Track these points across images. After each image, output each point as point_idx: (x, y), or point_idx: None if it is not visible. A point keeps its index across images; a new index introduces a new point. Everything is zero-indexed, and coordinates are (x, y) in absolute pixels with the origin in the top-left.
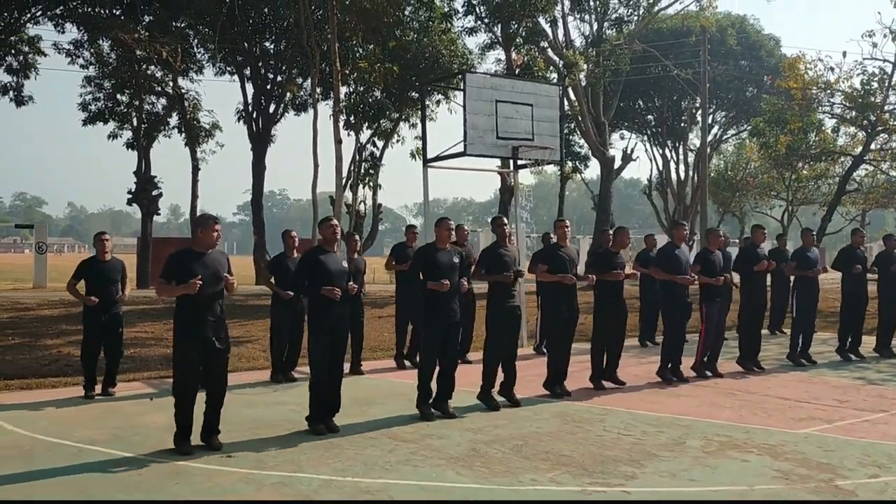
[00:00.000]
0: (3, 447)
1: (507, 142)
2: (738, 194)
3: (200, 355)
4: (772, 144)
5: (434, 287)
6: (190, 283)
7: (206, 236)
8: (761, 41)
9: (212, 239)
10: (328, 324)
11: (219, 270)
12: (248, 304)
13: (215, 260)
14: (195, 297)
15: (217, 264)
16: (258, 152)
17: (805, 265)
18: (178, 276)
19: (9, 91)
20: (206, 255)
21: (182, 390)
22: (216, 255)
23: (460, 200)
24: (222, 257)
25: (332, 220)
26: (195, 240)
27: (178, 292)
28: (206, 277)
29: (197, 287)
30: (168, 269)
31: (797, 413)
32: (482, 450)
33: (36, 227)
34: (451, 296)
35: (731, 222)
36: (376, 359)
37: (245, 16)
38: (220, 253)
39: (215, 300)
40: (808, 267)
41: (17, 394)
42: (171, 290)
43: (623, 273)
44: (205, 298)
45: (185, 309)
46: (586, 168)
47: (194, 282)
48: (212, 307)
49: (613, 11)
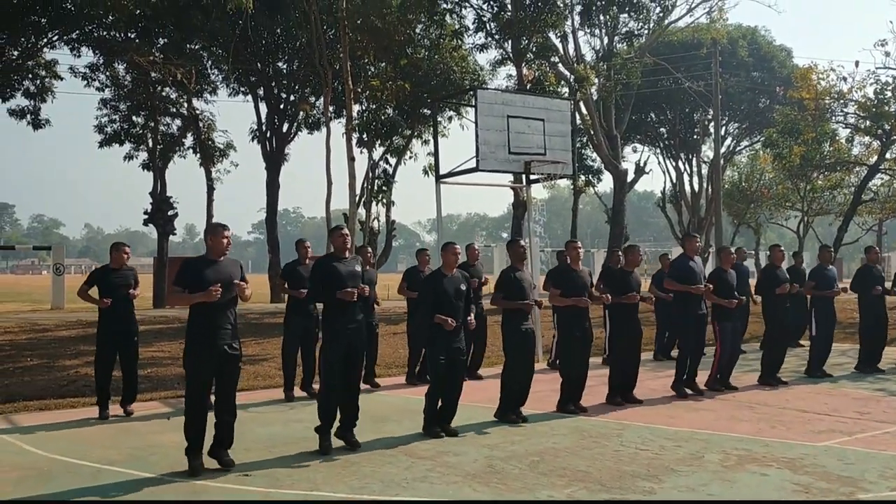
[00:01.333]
0: (22, 468)
1: (519, 157)
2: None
3: (213, 363)
4: (786, 155)
5: (440, 322)
6: (209, 291)
7: (215, 243)
8: (773, 52)
9: (221, 245)
10: (344, 330)
11: (232, 278)
12: (264, 321)
13: (228, 268)
14: (209, 305)
15: (230, 272)
16: (272, 171)
17: (823, 284)
18: (192, 284)
19: (26, 115)
20: (219, 262)
21: (194, 399)
22: (229, 263)
23: (474, 216)
24: (235, 265)
25: (343, 228)
26: (207, 248)
27: (195, 300)
28: (220, 285)
29: (217, 294)
30: (182, 277)
31: (817, 426)
32: (499, 466)
33: (53, 249)
34: (457, 328)
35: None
36: (390, 375)
37: (258, 37)
38: (233, 261)
39: (228, 308)
40: (827, 285)
41: (36, 415)
42: (189, 299)
43: (638, 296)
44: (218, 306)
45: (199, 317)
46: (599, 182)
47: (213, 289)
48: (225, 315)
49: (624, 25)
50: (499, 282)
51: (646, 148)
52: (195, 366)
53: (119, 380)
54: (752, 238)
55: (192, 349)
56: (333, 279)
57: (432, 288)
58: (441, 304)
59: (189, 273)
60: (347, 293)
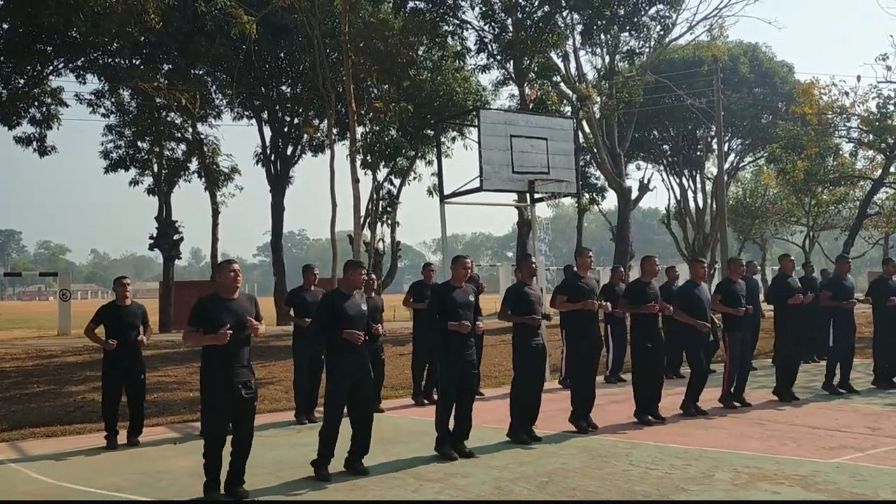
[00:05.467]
0: (30, 496)
1: (522, 176)
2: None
3: (228, 402)
4: (789, 170)
5: (455, 328)
6: (219, 335)
7: (223, 279)
8: (774, 68)
9: (228, 280)
10: (348, 369)
11: (245, 316)
12: (270, 345)
13: (242, 306)
14: (223, 345)
15: (244, 310)
16: (277, 194)
17: (841, 294)
18: (206, 324)
19: (33, 142)
20: (233, 301)
21: (211, 436)
22: (243, 301)
23: (479, 235)
24: (249, 303)
25: (363, 267)
26: (216, 286)
27: (206, 342)
28: (233, 325)
29: (227, 338)
30: (195, 317)
31: (827, 442)
32: (507, 488)
33: (60, 275)
34: (468, 335)
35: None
36: (397, 397)
37: (261, 61)
38: (247, 298)
39: (242, 347)
40: (845, 296)
41: (43, 441)
42: (200, 340)
43: (657, 305)
44: (232, 346)
45: (213, 357)
46: (604, 199)
47: (224, 332)
48: (239, 354)
49: (625, 44)
50: (507, 296)
51: (649, 165)
52: (211, 405)
53: (125, 406)
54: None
55: (207, 388)
56: (341, 317)
57: (442, 297)
58: (451, 314)
59: (202, 313)
60: (355, 336)
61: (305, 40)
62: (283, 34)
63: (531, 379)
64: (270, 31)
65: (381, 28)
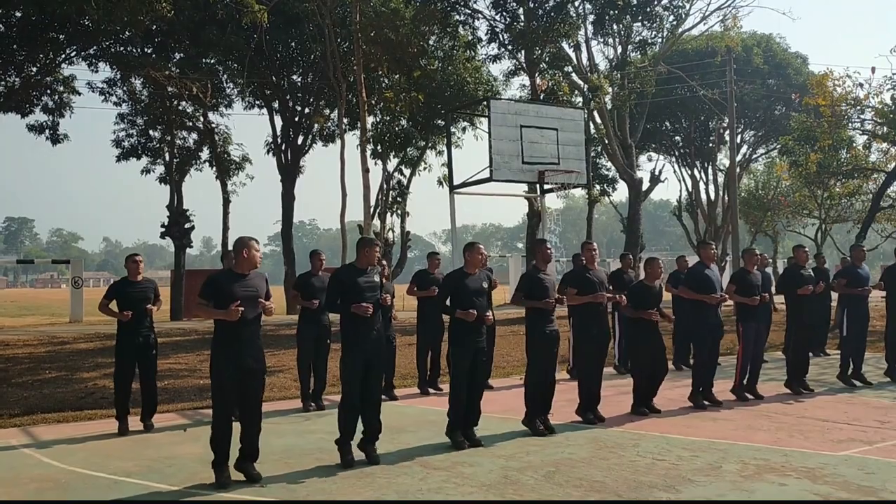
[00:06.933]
0: (40, 480)
1: (532, 166)
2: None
3: (238, 377)
4: (802, 162)
5: (461, 316)
6: (231, 310)
7: (250, 256)
8: (788, 59)
9: (255, 259)
10: (362, 342)
11: (258, 294)
12: (281, 333)
13: (255, 283)
14: (234, 322)
15: (256, 287)
16: (287, 183)
17: (856, 283)
18: (218, 299)
19: (45, 130)
20: (246, 277)
21: (220, 413)
22: (256, 279)
23: (489, 226)
24: (261, 280)
25: (377, 243)
26: (236, 262)
27: (216, 316)
28: (245, 301)
29: (238, 315)
30: (208, 290)
31: (836, 435)
32: (514, 477)
33: (72, 263)
34: (479, 323)
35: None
36: (406, 386)
37: (273, 50)
38: (259, 276)
39: (253, 323)
40: (859, 285)
41: (54, 427)
42: (210, 313)
43: (657, 313)
44: (243, 322)
45: (224, 332)
46: (614, 191)
47: (235, 308)
48: (250, 330)
49: (637, 34)
50: (521, 282)
51: (661, 156)
52: (220, 381)
53: (138, 392)
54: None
55: (217, 364)
56: (352, 290)
57: (455, 284)
58: (463, 300)
59: (215, 287)
60: (362, 308)
61: (316, 29)
62: (294, 23)
63: (545, 365)
64: (282, 21)
65: (391, 17)
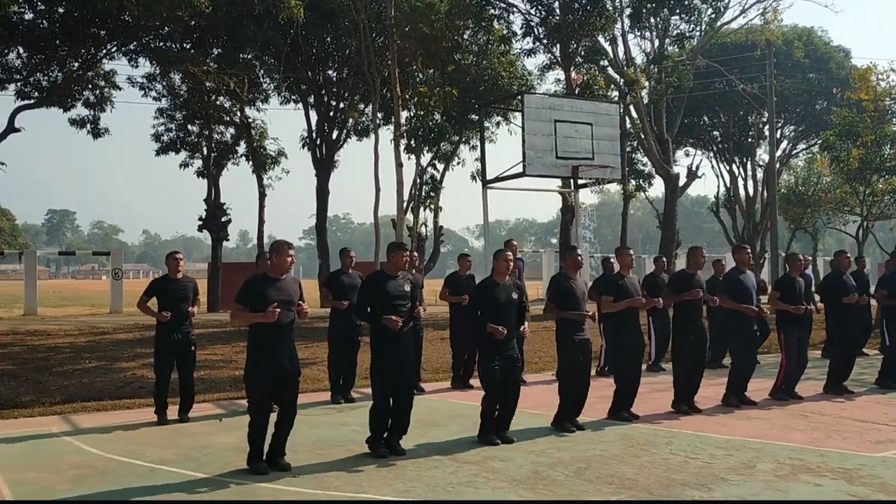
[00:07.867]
0: (80, 467)
1: (566, 161)
2: (809, 210)
3: (272, 380)
4: (843, 158)
5: (491, 331)
6: (268, 312)
7: (280, 261)
8: (830, 53)
9: (286, 264)
10: (392, 353)
11: (292, 297)
12: (314, 325)
13: (289, 286)
14: (269, 325)
15: (291, 291)
16: (322, 178)
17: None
18: (254, 302)
19: (86, 124)
20: (281, 280)
21: (257, 413)
22: (290, 282)
23: (522, 221)
24: (295, 283)
25: (407, 249)
26: (270, 265)
27: (254, 320)
28: (281, 304)
29: (276, 316)
30: (244, 295)
31: (874, 436)
32: (545, 472)
33: (112, 255)
34: (509, 336)
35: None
36: (437, 380)
37: (308, 46)
38: (293, 279)
39: (288, 326)
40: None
41: (93, 416)
42: (248, 318)
43: (701, 292)
44: (278, 325)
45: (259, 336)
46: (650, 186)
47: (272, 310)
48: (285, 334)
49: (674, 28)
50: (551, 291)
51: (698, 152)
52: (255, 384)
53: (176, 382)
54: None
55: (252, 367)
56: (382, 296)
57: (484, 298)
58: (493, 313)
59: (251, 292)
60: (392, 321)
61: (352, 24)
62: (329, 18)
63: (577, 374)
64: (318, 16)
65: (426, 12)
